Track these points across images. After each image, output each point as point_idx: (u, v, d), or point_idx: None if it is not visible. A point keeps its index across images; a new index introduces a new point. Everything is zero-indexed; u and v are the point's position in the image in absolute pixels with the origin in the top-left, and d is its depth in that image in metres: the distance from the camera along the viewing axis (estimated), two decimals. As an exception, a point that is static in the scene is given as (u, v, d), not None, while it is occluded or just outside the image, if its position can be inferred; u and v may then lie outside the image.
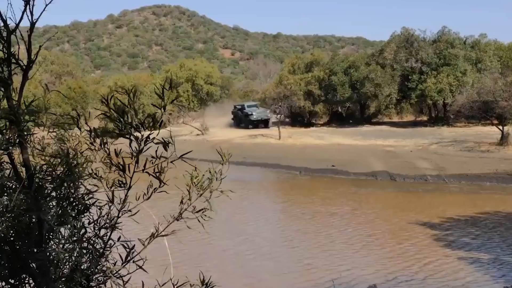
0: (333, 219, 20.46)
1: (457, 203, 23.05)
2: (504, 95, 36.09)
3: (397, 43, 55.82)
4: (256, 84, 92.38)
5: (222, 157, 3.25)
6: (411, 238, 17.37)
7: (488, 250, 15.52)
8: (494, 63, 52.59)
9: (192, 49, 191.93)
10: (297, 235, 18.00)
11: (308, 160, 35.55)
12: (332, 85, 56.36)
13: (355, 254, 15.51)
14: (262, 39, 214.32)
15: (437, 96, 50.14)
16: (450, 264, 14.21)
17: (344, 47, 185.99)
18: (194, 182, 3.15)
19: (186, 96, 70.43)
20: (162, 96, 2.94)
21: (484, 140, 38.02)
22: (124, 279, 3.05)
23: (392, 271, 13.64)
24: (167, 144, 2.92)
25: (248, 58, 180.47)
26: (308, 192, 27.64)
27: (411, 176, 29.21)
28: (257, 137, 47.69)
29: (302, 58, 69.40)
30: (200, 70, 73.46)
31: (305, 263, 14.54)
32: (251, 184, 29.70)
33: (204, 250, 15.79)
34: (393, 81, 52.93)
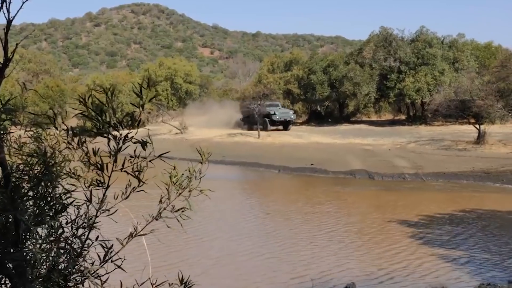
0: (311, 217, 20.50)
1: (435, 201, 23.23)
2: (481, 94, 36.47)
3: (375, 43, 56.20)
4: (235, 83, 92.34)
5: (202, 156, 3.24)
6: (389, 236, 17.47)
7: (465, 248, 15.66)
8: (471, 63, 53.19)
9: (171, 47, 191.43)
10: (276, 233, 18.01)
11: (287, 158, 35.62)
12: (311, 84, 56.58)
13: (333, 252, 15.55)
14: (242, 38, 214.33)
15: (415, 95, 50.57)
16: (428, 262, 14.31)
17: (323, 46, 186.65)
18: (173, 181, 3.14)
19: (165, 94, 70.21)
20: (140, 94, 2.92)
21: (461, 139, 38.41)
22: (102, 278, 3.03)
23: (371, 270, 13.70)
24: (145, 143, 2.91)
25: (227, 57, 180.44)
26: (287, 190, 27.70)
27: (389, 174, 29.39)
28: (236, 135, 47.69)
29: (281, 57, 69.65)
30: (179, 69, 73.26)
31: (283, 262, 14.55)
32: (231, 183, 29.68)
33: (183, 249, 15.74)
34: (372, 80, 53.26)
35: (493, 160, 31.18)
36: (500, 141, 36.38)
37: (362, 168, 31.07)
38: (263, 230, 18.82)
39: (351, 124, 54.87)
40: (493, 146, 35.22)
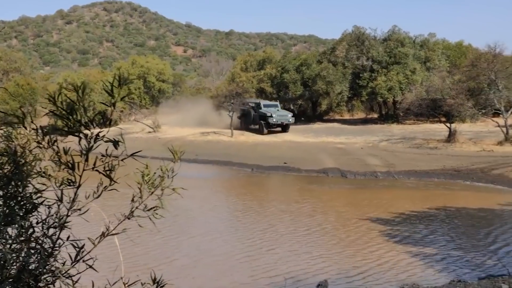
0: (285, 216, 20.55)
1: (407, 199, 23.44)
2: (452, 93, 36.88)
3: (348, 42, 56.45)
4: (209, 82, 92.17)
5: (174, 155, 3.23)
6: (361, 233, 17.58)
7: (437, 246, 15.83)
8: (442, 62, 53.75)
9: (144, 46, 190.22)
10: (249, 232, 18.02)
11: (260, 157, 35.66)
12: (284, 82, 56.67)
13: (306, 250, 15.61)
14: (215, 36, 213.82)
15: (387, 94, 50.93)
16: (400, 259, 14.44)
17: (296, 45, 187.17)
18: (145, 180, 3.12)
19: (138, 93, 69.73)
20: (112, 93, 2.90)
21: (432, 137, 38.80)
22: (74, 279, 3.00)
23: (343, 267, 13.78)
24: (117, 142, 2.89)
25: (200, 55, 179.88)
26: (261, 189, 27.73)
27: (361, 172, 29.59)
28: (209, 134, 47.57)
29: (255, 55, 69.62)
30: (152, 67, 72.82)
31: (254, 259, 14.57)
32: (204, 181, 29.60)
33: (156, 249, 15.67)
34: (345, 79, 53.50)
35: (464, 158, 31.57)
36: (470, 140, 36.83)
37: (335, 166, 31.24)
38: (237, 229, 18.82)
39: (324, 123, 55.08)
40: (464, 145, 35.64)
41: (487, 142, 35.47)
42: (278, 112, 47.74)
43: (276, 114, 47.03)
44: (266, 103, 49.14)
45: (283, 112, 48.39)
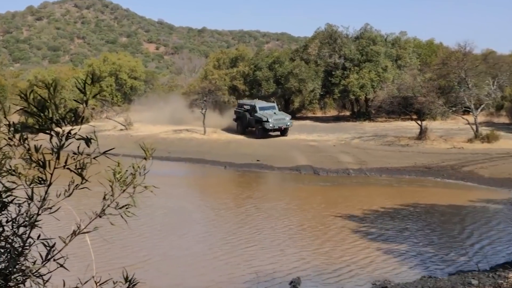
0: (257, 212, 20.58)
1: (379, 196, 23.63)
2: (423, 91, 37.22)
3: (321, 39, 56.65)
4: (181, 79, 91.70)
5: (146, 152, 3.21)
6: (333, 230, 17.68)
7: (408, 242, 15.99)
8: (413, 60, 54.26)
9: (116, 42, 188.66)
10: (222, 229, 18.02)
11: (233, 155, 35.65)
12: (257, 80, 56.70)
13: (279, 247, 15.65)
14: (187, 34, 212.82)
15: (359, 91, 51.23)
16: (372, 256, 14.56)
17: (269, 43, 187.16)
18: (117, 178, 3.10)
19: (110, 90, 69.12)
20: (84, 90, 2.88)
21: (403, 135, 39.15)
22: (45, 278, 2.97)
23: (316, 264, 13.85)
24: (89, 140, 2.86)
25: (173, 52, 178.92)
26: (233, 187, 27.73)
27: (334, 170, 29.74)
28: (182, 132, 47.38)
29: (227, 53, 69.45)
30: (124, 64, 72.25)
31: (229, 256, 14.57)
32: (177, 179, 29.50)
33: (128, 247, 15.59)
34: (317, 76, 53.67)
35: (434, 155, 31.91)
36: (441, 137, 37.23)
37: (307, 164, 31.35)
38: (211, 227, 18.80)
39: (297, 120, 55.09)
40: (434, 142, 36.02)
41: (458, 140, 35.90)
42: (275, 115, 43.61)
43: (272, 118, 42.96)
44: (261, 105, 45.13)
45: (280, 115, 44.29)
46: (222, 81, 56.92)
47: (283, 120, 43.35)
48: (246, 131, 45.39)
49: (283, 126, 43.23)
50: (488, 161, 29.30)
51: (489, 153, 31.38)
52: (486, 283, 7.61)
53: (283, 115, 44.53)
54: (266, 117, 42.64)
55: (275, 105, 46.31)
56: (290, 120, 44.08)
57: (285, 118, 43.63)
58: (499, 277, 9.70)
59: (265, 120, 42.50)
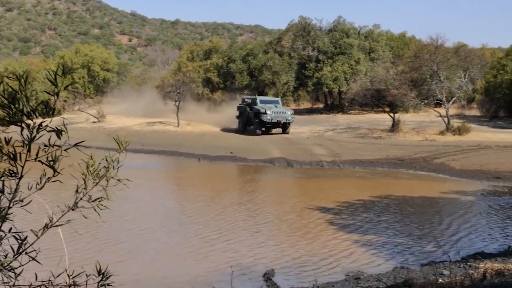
0: (232, 205, 20.58)
1: (353, 188, 23.78)
2: (395, 84, 37.56)
3: (294, 32, 56.83)
4: (154, 71, 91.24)
5: (119, 145, 3.19)
6: (307, 223, 17.75)
7: (381, 233, 16.12)
8: (386, 53, 54.72)
9: (88, 34, 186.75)
10: (197, 222, 17.98)
11: (207, 147, 35.60)
12: (231, 72, 56.73)
13: (252, 239, 15.67)
14: (160, 26, 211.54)
15: (332, 84, 51.50)
16: (346, 247, 14.65)
17: (242, 35, 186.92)
18: (89, 171, 3.07)
19: (82, 82, 68.65)
20: (55, 82, 2.85)
21: (376, 127, 39.48)
22: (16, 271, 2.94)
23: (290, 256, 13.89)
24: (60, 132, 2.83)
25: (146, 44, 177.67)
26: (207, 179, 27.68)
27: (307, 162, 29.85)
28: (155, 124, 47.20)
29: (201, 45, 69.35)
30: (96, 56, 71.81)
31: (203, 250, 14.55)
32: (150, 172, 29.37)
33: (102, 240, 15.48)
34: (291, 69, 53.85)
35: (407, 147, 32.20)
36: (413, 129, 37.62)
37: (281, 156, 31.43)
38: (184, 220, 18.75)
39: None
40: (407, 134, 36.38)
41: (430, 132, 36.30)
42: (275, 108, 40.59)
43: (271, 110, 39.98)
44: (263, 99, 42.80)
45: (281, 109, 41.17)
46: (196, 73, 56.78)
47: (283, 114, 40.52)
48: (246, 129, 42.81)
49: (282, 120, 40.27)
50: (459, 153, 29.66)
51: (460, 145, 31.77)
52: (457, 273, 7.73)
53: (285, 109, 41.69)
54: (264, 109, 40.09)
55: (279, 100, 43.78)
56: (292, 115, 40.99)
57: (286, 112, 40.72)
58: (470, 267, 9.84)
59: (262, 112, 39.96)
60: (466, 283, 5.95)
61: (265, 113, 39.51)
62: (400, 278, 9.08)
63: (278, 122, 40.10)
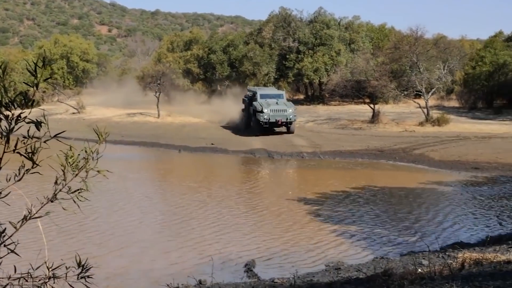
0: (213, 197, 20.58)
1: (333, 179, 23.87)
2: (375, 75, 37.69)
3: (275, 23, 56.70)
4: (134, 62, 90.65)
5: (99, 136, 3.17)
6: (288, 214, 17.81)
7: (361, 224, 16.22)
8: (366, 44, 54.82)
9: (67, 24, 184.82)
10: (178, 213, 17.96)
11: (187, 138, 35.51)
12: (211, 63, 56.55)
13: (233, 230, 15.70)
14: (140, 16, 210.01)
15: (313, 75, 51.54)
16: (326, 238, 14.73)
17: (223, 26, 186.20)
18: (69, 162, 3.05)
19: (61, 73, 68.05)
20: (34, 73, 2.82)
21: (356, 118, 39.61)
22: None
23: (270, 247, 13.94)
24: (39, 123, 2.81)
25: (125, 35, 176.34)
26: (188, 170, 27.63)
27: (288, 153, 29.90)
28: (135, 115, 46.90)
29: (181, 36, 69.04)
30: (76, 47, 71.20)
31: (184, 240, 14.56)
32: (131, 163, 29.24)
33: (80, 231, 15.41)
34: (271, 60, 53.79)
35: (387, 138, 32.37)
36: (393, 120, 37.80)
37: (261, 147, 31.43)
38: (165, 211, 18.73)
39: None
40: (387, 125, 36.56)
41: (409, 123, 36.51)
42: (275, 105, 34.88)
43: (269, 108, 34.39)
44: (264, 92, 37.05)
45: (282, 105, 35.21)
46: (176, 64, 56.51)
47: (283, 112, 34.68)
48: (250, 126, 37.07)
49: (281, 120, 34.46)
50: (438, 144, 29.90)
51: (439, 136, 32.02)
52: (436, 263, 7.79)
53: (286, 105, 35.39)
54: (261, 107, 34.54)
55: (283, 93, 38.27)
56: (294, 112, 35.33)
57: (287, 110, 34.86)
58: (449, 257, 9.95)
59: (259, 110, 34.61)
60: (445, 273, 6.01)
61: (261, 111, 34.23)
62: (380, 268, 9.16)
63: (277, 122, 34.57)
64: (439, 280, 5.08)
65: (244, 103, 38.73)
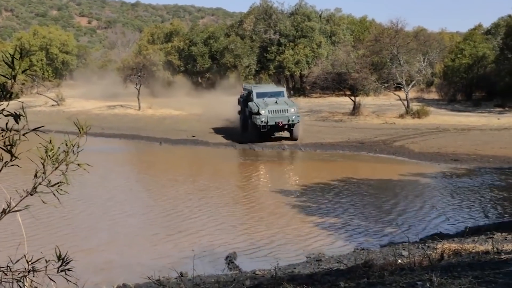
0: (194, 189, 20.56)
1: (313, 171, 23.95)
2: (356, 67, 37.81)
3: (256, 15, 56.65)
4: (114, 54, 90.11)
5: (79, 129, 3.15)
6: (270, 205, 17.85)
7: (342, 215, 16.31)
8: (347, 36, 55.00)
9: (46, 16, 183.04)
10: (159, 206, 17.93)
11: (168, 130, 35.44)
12: (192, 55, 56.41)
13: (215, 223, 15.71)
14: (120, 8, 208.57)
15: (294, 67, 51.63)
16: (307, 230, 14.79)
17: (203, 18, 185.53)
18: (49, 155, 3.03)
19: (40, 65, 67.48)
20: (12, 65, 2.79)
21: (337, 110, 39.76)
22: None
23: (252, 239, 13.97)
24: (18, 116, 2.79)
25: (105, 26, 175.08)
26: (169, 163, 27.54)
27: (269, 145, 29.92)
28: (116, 107, 46.64)
29: (162, 28, 68.76)
30: (55, 38, 70.61)
31: (165, 233, 14.54)
32: (111, 156, 29.09)
33: (61, 225, 15.33)
34: (252, 52, 53.77)
35: (367, 130, 32.52)
36: (374, 113, 37.98)
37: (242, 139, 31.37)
38: (147, 204, 18.68)
39: (232, 96, 55.13)
40: (367, 117, 36.72)
41: (389, 115, 36.70)
42: (275, 105, 30.12)
43: (267, 109, 29.65)
44: (261, 91, 32.14)
45: (283, 104, 30.40)
46: (156, 56, 56.23)
47: (284, 113, 29.79)
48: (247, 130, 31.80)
49: (281, 122, 29.68)
50: (418, 136, 30.10)
51: (419, 128, 32.24)
52: (416, 254, 7.87)
53: (287, 105, 30.50)
54: (258, 108, 29.78)
55: (284, 90, 33.56)
56: (297, 113, 30.33)
57: (288, 110, 29.89)
58: (428, 248, 10.03)
59: (255, 112, 29.84)
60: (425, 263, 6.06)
61: (258, 113, 29.47)
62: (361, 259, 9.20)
63: (277, 125, 29.73)
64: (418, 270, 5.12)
65: (240, 104, 33.99)
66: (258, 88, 32.91)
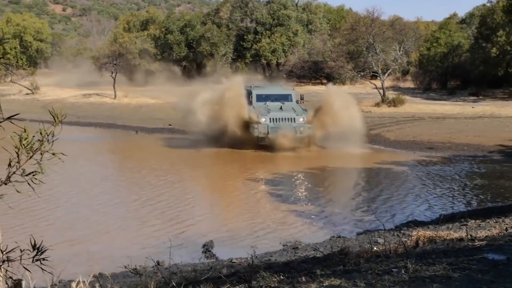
0: (169, 178, 20.51)
1: (288, 160, 23.97)
2: (332, 56, 37.97)
3: (232, 3, 56.56)
4: (90, 42, 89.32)
5: (54, 118, 3.12)
6: (245, 194, 17.89)
7: (317, 204, 16.38)
8: (323, 25, 55.10)
9: (19, 3, 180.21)
10: (134, 196, 17.86)
11: (145, 119, 35.27)
12: (168, 43, 56.15)
13: (191, 212, 15.70)
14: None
15: (270, 56, 51.63)
16: (283, 218, 14.84)
17: (180, 6, 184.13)
18: (23, 144, 3.00)
19: (14, 53, 66.66)
20: (-15, 53, 2.76)
21: (314, 99, 39.80)
22: None
23: (228, 227, 13.99)
24: (-8, 104, 2.76)
25: (80, 14, 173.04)
26: (144, 153, 27.40)
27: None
28: (91, 96, 46.27)
29: (137, 15, 68.29)
30: (29, 26, 69.76)
31: (140, 223, 14.50)
32: (87, 145, 28.87)
33: (36, 215, 15.21)
34: (229, 40, 53.69)
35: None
36: (350, 101, 38.07)
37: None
38: (121, 193, 18.61)
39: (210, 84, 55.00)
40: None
41: (365, 104, 36.84)
42: (279, 112, 24.94)
43: (268, 116, 24.58)
44: (262, 92, 26.77)
45: (289, 111, 25.07)
46: (132, 44, 55.82)
47: (289, 122, 24.75)
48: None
49: (286, 133, 24.27)
50: (394, 125, 30.32)
51: (395, 117, 32.47)
52: (391, 241, 7.94)
53: (294, 112, 25.03)
54: (257, 114, 24.72)
55: (293, 93, 27.22)
56: (303, 120, 24.81)
57: (295, 119, 24.69)
58: (403, 235, 10.14)
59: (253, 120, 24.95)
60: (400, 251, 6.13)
61: (257, 122, 24.57)
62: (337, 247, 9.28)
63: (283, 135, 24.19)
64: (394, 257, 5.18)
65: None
66: (259, 89, 27.33)
